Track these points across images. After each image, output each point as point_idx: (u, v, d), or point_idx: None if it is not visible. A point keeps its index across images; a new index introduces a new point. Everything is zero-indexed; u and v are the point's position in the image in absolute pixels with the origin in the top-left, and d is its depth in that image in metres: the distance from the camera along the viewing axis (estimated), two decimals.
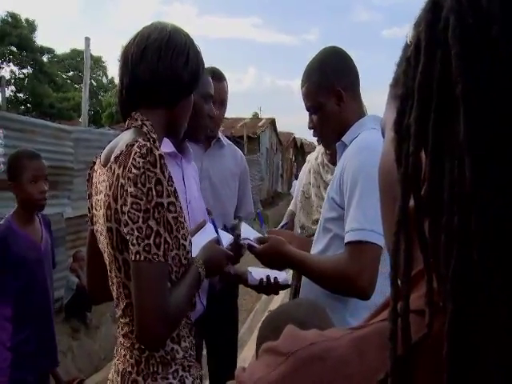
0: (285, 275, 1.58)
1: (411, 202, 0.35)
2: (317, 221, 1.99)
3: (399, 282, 0.35)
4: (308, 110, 1.57)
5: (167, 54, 1.12)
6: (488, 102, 0.30)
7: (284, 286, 1.59)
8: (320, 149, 2.15)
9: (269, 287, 1.55)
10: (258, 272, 1.58)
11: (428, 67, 0.33)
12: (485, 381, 0.30)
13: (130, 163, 0.97)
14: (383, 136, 0.48)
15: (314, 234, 1.97)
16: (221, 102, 2.17)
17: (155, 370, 1.07)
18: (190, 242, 1.15)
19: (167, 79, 1.13)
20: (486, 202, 0.30)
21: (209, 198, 1.96)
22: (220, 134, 2.29)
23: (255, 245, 1.55)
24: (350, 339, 0.38)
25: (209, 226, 1.53)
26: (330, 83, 1.47)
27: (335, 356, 0.37)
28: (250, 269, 1.60)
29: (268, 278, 1.52)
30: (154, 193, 0.96)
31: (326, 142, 1.61)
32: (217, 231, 1.51)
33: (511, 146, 0.30)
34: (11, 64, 26.48)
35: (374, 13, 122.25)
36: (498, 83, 0.30)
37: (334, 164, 2.05)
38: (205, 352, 2.29)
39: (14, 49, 25.35)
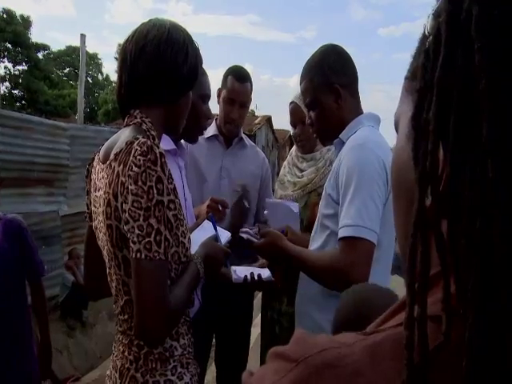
0: (268, 272, 1.58)
1: (428, 202, 0.33)
2: (293, 188, 2.10)
3: (416, 286, 0.33)
4: (306, 106, 1.57)
5: (166, 51, 1.11)
6: None
7: (267, 283, 1.59)
8: (294, 146, 2.25)
9: (253, 284, 1.56)
10: (242, 270, 1.58)
11: (449, 61, 0.32)
12: None
13: (130, 161, 0.97)
14: (396, 130, 0.46)
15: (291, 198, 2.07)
16: (242, 104, 2.13)
17: (154, 366, 1.08)
18: (189, 240, 1.15)
19: (166, 76, 1.13)
20: (510, 204, 0.28)
21: (228, 198, 1.96)
22: (243, 135, 2.27)
23: (254, 239, 1.57)
24: (363, 346, 0.36)
25: (207, 224, 1.54)
26: (328, 80, 1.48)
27: (348, 364, 0.35)
28: (233, 267, 1.61)
29: (252, 275, 1.52)
30: (155, 191, 0.96)
31: (323, 139, 1.61)
32: (215, 228, 1.52)
33: None
34: (5, 60, 26.32)
35: (371, 11, 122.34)
36: None
37: (306, 152, 2.09)
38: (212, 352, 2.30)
39: (9, 45, 25.19)
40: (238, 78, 2.12)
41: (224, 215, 1.87)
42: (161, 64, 1.11)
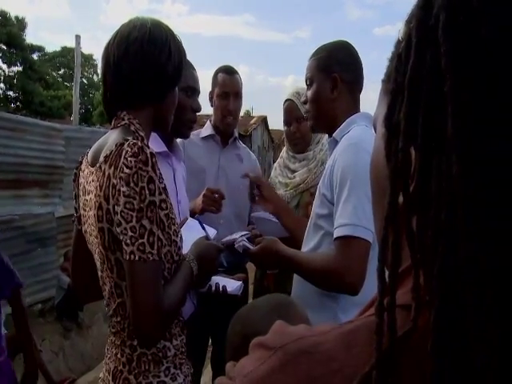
0: (237, 285, 1.51)
1: (401, 198, 0.35)
2: (285, 189, 2.10)
3: (386, 277, 0.35)
4: (306, 81, 1.60)
5: (149, 51, 1.11)
6: (476, 99, 0.30)
7: (232, 296, 1.50)
8: (285, 148, 2.27)
9: (217, 295, 1.47)
10: (213, 279, 1.49)
11: (418, 64, 0.34)
12: (469, 376, 0.30)
13: (121, 163, 0.97)
14: (375, 131, 0.48)
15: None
16: (235, 94, 2.18)
17: (147, 368, 1.07)
18: (181, 238, 1.15)
19: (151, 76, 1.13)
20: (473, 198, 0.30)
21: (226, 197, 1.96)
22: (236, 135, 2.30)
23: (250, 246, 1.56)
24: (337, 334, 0.38)
25: (192, 221, 1.53)
26: (331, 67, 1.50)
27: (323, 350, 0.37)
28: None
29: (217, 285, 1.46)
30: (147, 191, 0.96)
31: (312, 122, 1.62)
32: (203, 227, 1.51)
33: (498, 143, 0.30)
34: (0, 61, 26.19)
35: (366, 11, 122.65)
36: (486, 81, 0.30)
37: (299, 151, 2.10)
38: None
39: (4, 47, 25.06)
40: (227, 71, 2.19)
41: (220, 205, 1.87)
42: (145, 64, 1.11)
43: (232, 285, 1.50)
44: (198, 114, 1.71)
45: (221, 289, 1.46)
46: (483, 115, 0.30)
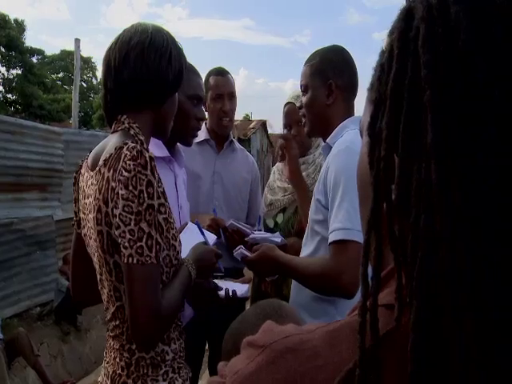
0: (245, 288, 1.53)
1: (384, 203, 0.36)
2: (283, 194, 2.12)
3: (369, 279, 0.36)
4: (301, 87, 1.60)
5: (150, 56, 1.12)
6: (454, 108, 0.32)
7: (242, 300, 1.51)
8: None
9: (226, 300, 1.44)
10: (220, 284, 1.48)
11: (399, 74, 0.35)
12: (447, 375, 0.31)
13: (120, 166, 0.98)
14: (361, 137, 0.50)
15: (282, 207, 2.09)
16: (229, 94, 2.17)
17: (145, 372, 1.07)
18: (180, 243, 1.16)
19: (152, 81, 1.13)
20: (451, 203, 0.31)
21: (220, 202, 1.95)
22: (232, 137, 2.29)
23: (248, 254, 1.56)
24: (322, 332, 0.40)
25: (192, 225, 1.53)
26: (325, 73, 1.51)
27: (308, 348, 0.39)
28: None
29: (227, 291, 1.45)
30: (146, 195, 0.96)
31: (308, 127, 1.62)
32: (202, 232, 1.51)
33: (474, 150, 0.31)
34: None
35: (366, 15, 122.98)
36: (464, 91, 0.32)
37: (300, 155, 2.11)
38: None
39: (3, 49, 25.06)
40: (219, 73, 2.18)
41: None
42: (145, 70, 1.12)
43: (241, 288, 1.52)
44: None
45: (230, 293, 1.46)
46: (461, 125, 0.32)
